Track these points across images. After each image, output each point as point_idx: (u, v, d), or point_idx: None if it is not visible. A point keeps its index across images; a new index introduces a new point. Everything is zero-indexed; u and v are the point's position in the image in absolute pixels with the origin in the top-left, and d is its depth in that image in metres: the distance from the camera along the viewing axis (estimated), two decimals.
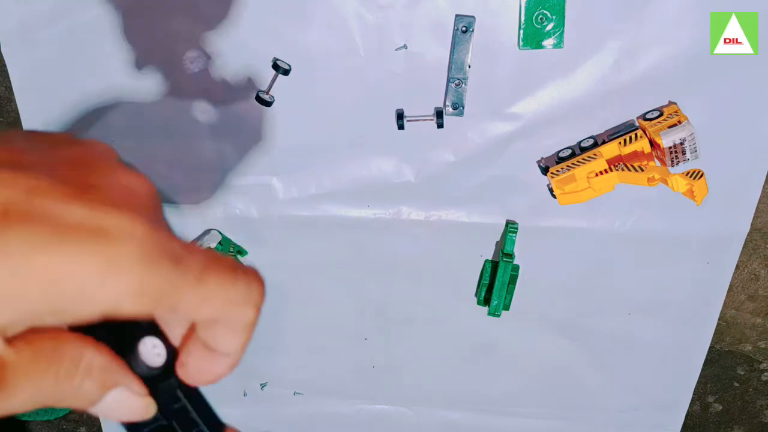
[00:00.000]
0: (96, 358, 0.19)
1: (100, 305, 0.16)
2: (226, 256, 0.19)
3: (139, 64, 0.57)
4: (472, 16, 0.53)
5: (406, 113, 0.57)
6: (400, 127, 0.57)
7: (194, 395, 0.22)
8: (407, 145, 0.59)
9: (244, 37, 0.55)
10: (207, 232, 0.64)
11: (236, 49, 0.55)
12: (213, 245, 0.62)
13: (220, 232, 0.63)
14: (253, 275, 0.19)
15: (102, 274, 0.16)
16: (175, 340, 0.21)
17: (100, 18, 0.56)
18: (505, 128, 0.57)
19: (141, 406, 0.20)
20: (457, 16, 0.53)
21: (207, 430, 0.22)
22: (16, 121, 0.65)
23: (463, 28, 0.53)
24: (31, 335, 0.17)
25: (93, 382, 0.19)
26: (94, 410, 0.20)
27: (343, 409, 0.74)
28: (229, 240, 0.63)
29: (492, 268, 0.62)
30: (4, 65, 0.58)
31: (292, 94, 0.57)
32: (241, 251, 0.64)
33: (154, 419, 0.21)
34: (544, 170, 0.58)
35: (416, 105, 0.57)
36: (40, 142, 0.19)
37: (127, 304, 0.16)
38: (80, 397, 0.19)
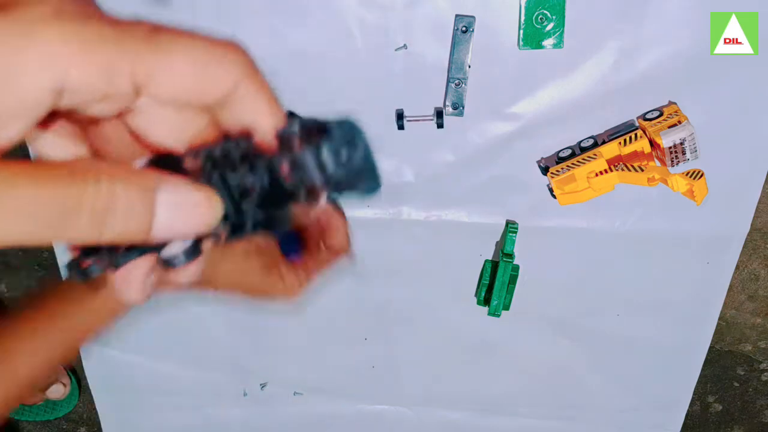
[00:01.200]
0: (116, 165, 0.17)
1: (43, 75, 0.15)
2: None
3: None
4: (472, 16, 0.53)
5: (406, 113, 0.57)
6: (400, 127, 0.57)
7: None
8: (407, 145, 0.59)
9: (244, 37, 0.55)
10: None
11: None
12: None
13: None
14: (220, 40, 0.18)
15: (24, 36, 0.15)
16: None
17: None
18: (505, 128, 0.57)
19: (203, 201, 0.18)
20: (457, 16, 0.53)
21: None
22: None
23: (463, 28, 0.53)
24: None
25: (128, 186, 0.17)
26: (155, 233, 0.18)
27: (343, 409, 0.74)
28: None
29: (492, 268, 0.62)
30: None
31: (292, 95, 0.57)
32: None
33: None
34: (544, 170, 0.58)
35: (416, 105, 0.57)
36: None
37: (72, 70, 0.15)
38: (122, 211, 0.17)
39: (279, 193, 0.20)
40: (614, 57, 0.54)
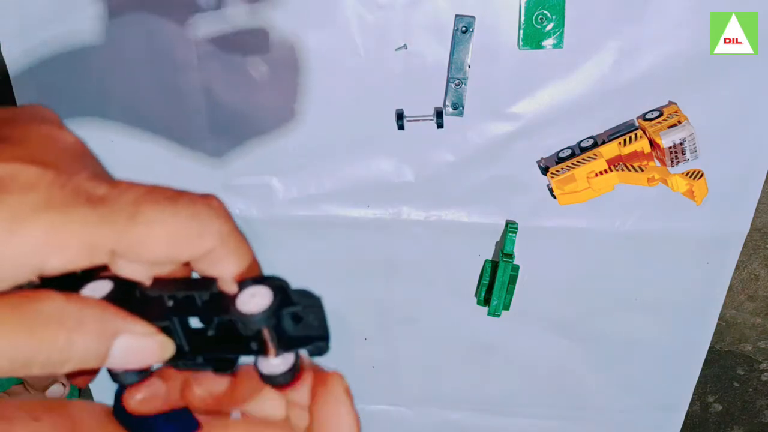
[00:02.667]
0: (84, 310, 0.17)
1: (23, 264, 0.15)
2: (167, 188, 0.18)
3: (139, 63, 0.57)
4: (472, 16, 0.53)
5: (406, 113, 0.57)
6: (400, 127, 0.57)
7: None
8: (407, 145, 0.59)
9: (245, 36, 0.55)
10: None
11: (236, 49, 0.55)
12: None
13: None
14: (201, 200, 0.18)
15: (7, 230, 0.15)
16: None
17: (99, 18, 0.56)
18: (505, 128, 0.57)
19: (154, 346, 0.19)
20: (457, 16, 0.53)
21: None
22: None
23: (463, 28, 0.53)
24: None
25: (87, 336, 0.17)
26: (108, 365, 0.18)
27: None
28: None
29: (492, 268, 0.62)
30: (4, 65, 0.58)
31: (292, 95, 0.57)
32: None
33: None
34: (544, 170, 0.58)
35: (416, 105, 0.57)
36: None
37: (52, 258, 0.16)
38: (79, 356, 0.17)
39: (232, 339, 0.20)
40: (614, 57, 0.54)
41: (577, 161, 0.55)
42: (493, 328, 0.67)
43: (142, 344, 0.19)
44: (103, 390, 0.74)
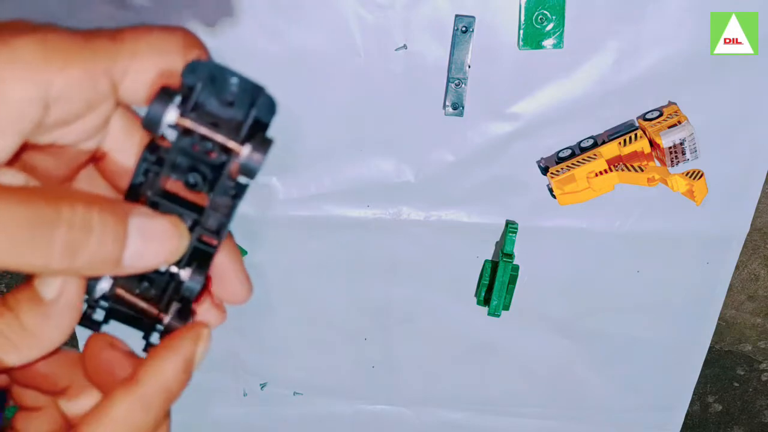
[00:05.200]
0: (93, 195, 0.18)
1: (25, 93, 0.16)
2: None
3: None
4: (472, 16, 0.53)
5: (405, 113, 0.57)
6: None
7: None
8: (407, 145, 0.59)
9: (244, 37, 0.55)
10: None
11: (235, 48, 0.55)
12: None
13: None
14: (171, 29, 0.19)
15: (2, 61, 0.16)
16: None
17: (100, 19, 0.56)
18: (505, 128, 0.57)
19: (170, 229, 0.19)
20: (457, 16, 0.53)
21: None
22: None
23: (463, 28, 0.53)
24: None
25: (102, 216, 0.17)
26: (126, 264, 0.18)
27: (343, 409, 0.74)
28: None
29: (492, 268, 0.62)
30: None
31: (291, 95, 0.57)
32: (242, 251, 0.64)
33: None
34: (544, 170, 0.58)
35: (416, 105, 0.57)
36: None
37: (55, 82, 0.16)
38: (93, 245, 0.17)
39: (214, 169, 0.20)
40: (614, 57, 0.54)
41: (577, 161, 0.55)
42: (493, 328, 0.67)
43: (158, 227, 0.19)
44: None
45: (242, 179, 0.21)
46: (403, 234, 0.63)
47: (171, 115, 0.19)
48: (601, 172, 0.55)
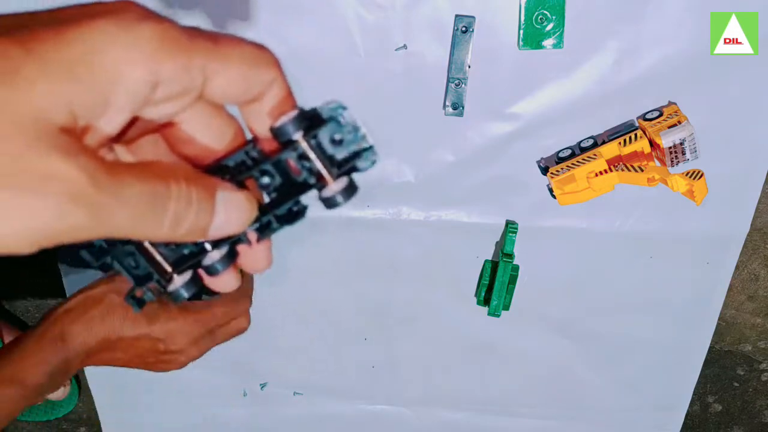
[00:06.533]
0: (187, 172, 0.20)
1: (142, 74, 0.18)
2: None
3: None
4: (472, 16, 0.53)
5: (405, 113, 0.57)
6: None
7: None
8: (407, 145, 0.59)
9: (244, 36, 0.55)
10: None
11: None
12: None
13: None
14: (262, 47, 0.22)
15: (126, 43, 0.18)
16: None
17: None
18: (505, 128, 0.57)
19: (246, 200, 0.22)
20: (457, 16, 0.53)
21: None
22: None
23: (463, 28, 0.53)
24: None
25: (198, 190, 0.20)
26: (211, 233, 0.21)
27: (343, 409, 0.74)
28: None
29: (492, 268, 0.62)
30: None
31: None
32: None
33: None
34: (544, 170, 0.58)
35: (416, 105, 0.57)
36: None
37: (165, 66, 0.18)
38: (192, 216, 0.20)
39: (292, 187, 0.23)
40: (614, 57, 0.54)
41: (577, 161, 0.55)
42: (493, 328, 0.67)
43: (236, 199, 0.21)
44: (102, 389, 0.74)
45: (304, 203, 0.24)
46: (403, 234, 0.63)
47: (298, 134, 0.22)
48: (601, 172, 0.55)
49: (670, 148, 0.52)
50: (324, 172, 0.22)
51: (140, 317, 0.46)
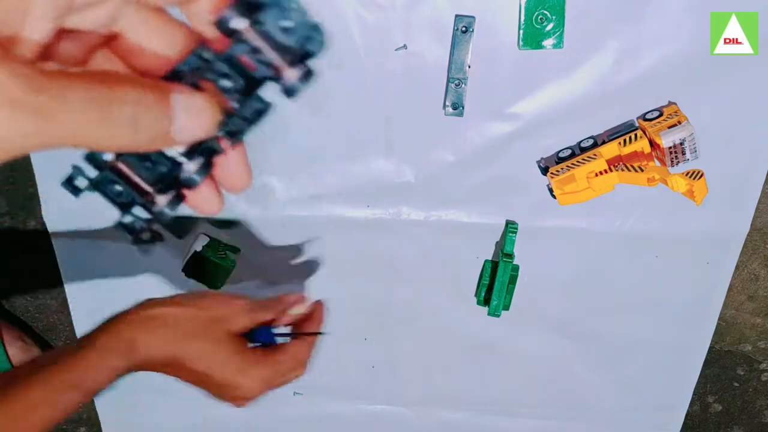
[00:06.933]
0: (135, 78, 0.20)
1: None
2: None
3: None
4: (472, 16, 0.53)
5: (405, 113, 0.57)
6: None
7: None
8: (407, 145, 0.59)
9: None
10: (197, 236, 0.64)
11: None
12: (199, 248, 0.62)
13: (208, 235, 0.63)
14: None
15: None
16: None
17: None
18: (505, 128, 0.57)
19: (206, 103, 0.22)
20: (457, 16, 0.53)
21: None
22: None
23: (463, 28, 0.53)
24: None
25: (153, 93, 0.20)
26: (177, 135, 0.21)
27: (343, 409, 0.74)
28: (218, 240, 0.63)
29: (492, 268, 0.62)
30: None
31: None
32: (233, 249, 0.64)
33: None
34: (544, 170, 0.58)
35: (416, 105, 0.57)
36: None
37: None
38: (150, 120, 0.20)
39: (251, 84, 0.23)
40: (614, 57, 0.54)
41: (577, 161, 0.55)
42: (493, 328, 0.67)
43: (195, 101, 0.21)
44: None
45: (267, 99, 0.24)
46: (403, 234, 0.63)
47: (241, 22, 0.22)
48: (601, 172, 0.55)
49: (670, 148, 0.52)
50: (278, 61, 0.23)
51: (220, 354, 0.46)
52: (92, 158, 0.22)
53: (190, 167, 0.23)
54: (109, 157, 0.23)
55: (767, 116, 0.56)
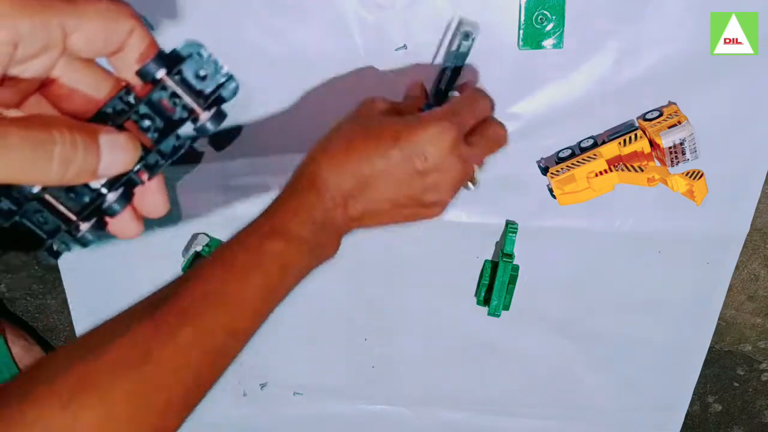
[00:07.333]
0: (69, 120, 0.23)
1: (2, 36, 0.21)
2: None
3: None
4: (476, 25, 0.53)
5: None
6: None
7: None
8: None
9: (245, 36, 0.55)
10: (195, 236, 0.64)
11: (235, 48, 0.55)
12: (199, 248, 0.62)
13: (208, 235, 0.63)
14: (117, 1, 0.24)
15: None
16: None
17: None
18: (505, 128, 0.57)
19: (129, 142, 0.25)
20: (460, 24, 0.53)
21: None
22: None
23: (465, 36, 0.53)
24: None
25: (82, 136, 0.23)
26: (101, 172, 0.23)
27: (343, 409, 0.74)
28: (219, 240, 0.63)
29: (492, 268, 0.62)
30: None
31: (292, 95, 0.57)
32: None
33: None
34: (544, 170, 0.58)
35: None
36: None
37: (21, 26, 0.21)
38: (80, 159, 0.22)
39: (169, 124, 0.26)
40: (614, 57, 0.54)
41: (577, 161, 0.55)
42: (493, 328, 0.67)
43: (118, 140, 0.24)
44: None
45: (184, 136, 0.27)
46: (403, 234, 0.63)
47: (161, 72, 0.25)
48: (601, 172, 0.55)
49: (670, 148, 0.52)
50: (194, 105, 0.25)
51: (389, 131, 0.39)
52: (20, 191, 0.25)
53: (111, 197, 0.26)
54: (35, 189, 0.25)
55: (767, 116, 0.56)
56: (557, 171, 0.56)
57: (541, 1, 0.52)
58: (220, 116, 0.26)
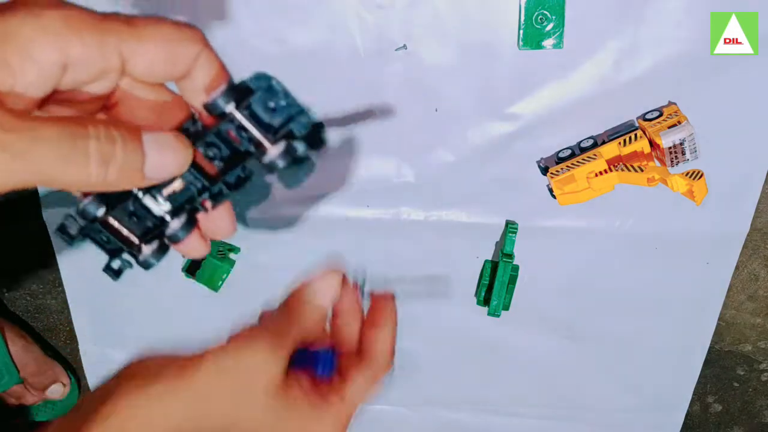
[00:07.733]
0: (105, 119, 0.22)
1: (50, 56, 0.19)
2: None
3: None
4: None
5: (405, 113, 0.57)
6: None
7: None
8: (407, 145, 0.59)
9: (244, 37, 0.55)
10: None
11: (236, 48, 0.55)
12: None
13: None
14: (183, 24, 0.23)
15: (34, 30, 0.19)
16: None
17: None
18: (505, 128, 0.57)
19: (177, 140, 0.23)
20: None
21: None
22: None
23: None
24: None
25: (121, 133, 0.21)
26: (148, 174, 0.22)
27: None
28: (218, 240, 0.63)
29: (492, 268, 0.62)
30: None
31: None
32: (233, 249, 0.64)
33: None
34: (544, 170, 0.58)
35: (416, 105, 0.57)
36: None
37: (73, 49, 0.20)
38: (120, 156, 0.21)
39: (235, 155, 0.25)
40: (614, 57, 0.54)
41: (577, 161, 0.55)
42: (493, 328, 0.67)
43: (166, 140, 0.22)
44: None
45: (249, 168, 0.25)
46: (403, 234, 0.63)
47: (230, 107, 0.23)
48: (601, 172, 0.55)
49: (670, 148, 0.52)
50: (262, 139, 0.24)
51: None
52: (83, 212, 0.24)
53: (175, 224, 0.25)
54: (100, 212, 0.24)
55: (767, 116, 0.56)
56: (557, 171, 0.56)
57: (541, 1, 0.52)
58: (289, 152, 0.24)
